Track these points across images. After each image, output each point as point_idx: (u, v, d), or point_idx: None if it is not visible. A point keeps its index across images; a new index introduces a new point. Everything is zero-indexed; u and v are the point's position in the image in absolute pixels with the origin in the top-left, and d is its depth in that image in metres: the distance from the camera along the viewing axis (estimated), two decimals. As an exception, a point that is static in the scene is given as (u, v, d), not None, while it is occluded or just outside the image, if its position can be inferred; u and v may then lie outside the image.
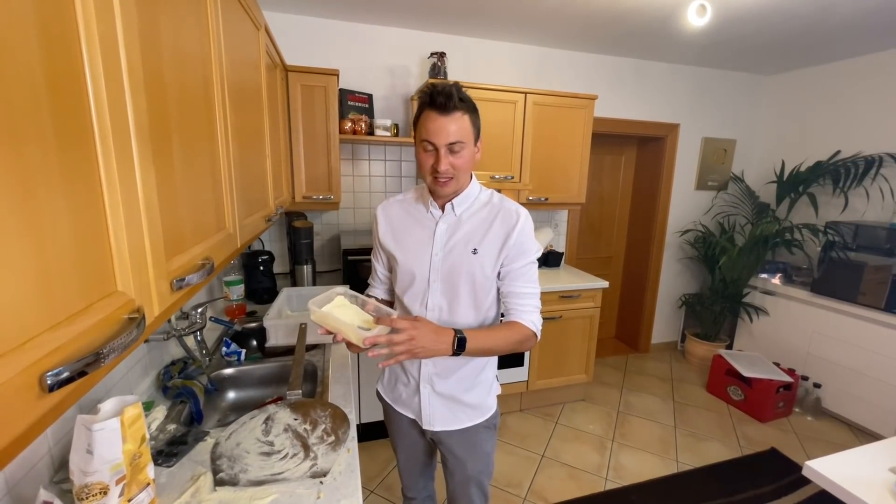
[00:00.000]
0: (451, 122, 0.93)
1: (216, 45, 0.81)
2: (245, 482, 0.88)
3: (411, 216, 1.11)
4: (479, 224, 1.06)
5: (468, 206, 1.07)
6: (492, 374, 1.18)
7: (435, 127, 0.93)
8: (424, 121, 0.96)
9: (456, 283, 1.05)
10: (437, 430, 1.14)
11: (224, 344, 1.51)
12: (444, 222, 1.07)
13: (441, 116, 0.93)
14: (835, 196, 2.92)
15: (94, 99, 0.41)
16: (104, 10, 0.42)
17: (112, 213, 0.44)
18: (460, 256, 1.04)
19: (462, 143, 0.96)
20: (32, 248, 0.33)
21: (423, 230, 1.08)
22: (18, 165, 0.32)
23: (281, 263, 2.55)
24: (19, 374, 0.31)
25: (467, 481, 1.21)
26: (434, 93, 0.93)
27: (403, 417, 1.20)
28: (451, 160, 0.96)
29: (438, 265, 1.06)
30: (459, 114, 0.94)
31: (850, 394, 2.59)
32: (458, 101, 0.94)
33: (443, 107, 0.93)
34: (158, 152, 0.55)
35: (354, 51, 2.47)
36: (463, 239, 1.05)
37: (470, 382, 1.13)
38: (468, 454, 1.17)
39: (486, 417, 1.16)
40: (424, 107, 0.96)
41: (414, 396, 1.15)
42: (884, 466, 1.12)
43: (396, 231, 1.12)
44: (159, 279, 0.54)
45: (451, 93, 0.93)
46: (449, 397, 1.12)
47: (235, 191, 0.93)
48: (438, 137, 0.94)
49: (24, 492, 0.76)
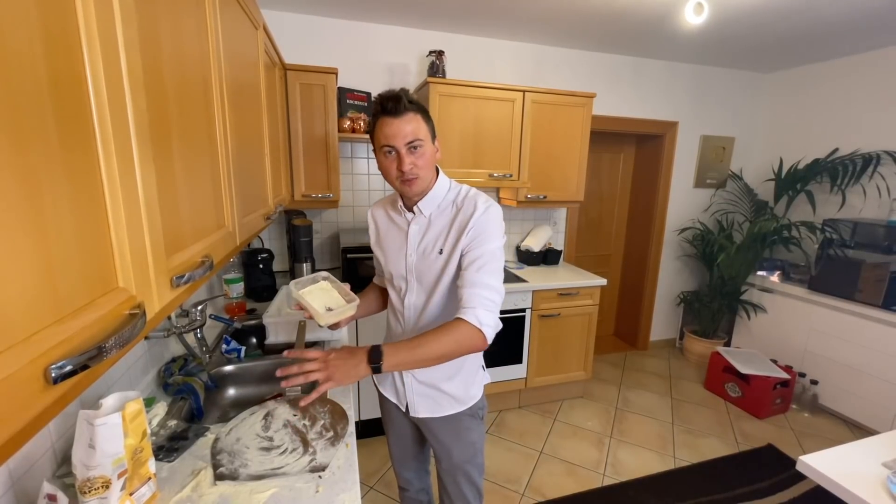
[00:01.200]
0: (405, 123, 0.96)
1: (215, 45, 0.82)
2: (245, 476, 0.90)
3: (391, 219, 1.17)
4: (445, 224, 1.07)
5: (436, 206, 1.09)
6: (476, 365, 1.20)
7: (391, 130, 0.96)
8: (380, 127, 0.98)
9: (429, 284, 1.09)
10: (423, 416, 1.18)
11: (224, 341, 1.52)
12: (416, 224, 1.10)
13: (395, 119, 0.96)
14: (832, 193, 2.92)
15: (95, 100, 0.42)
16: (104, 10, 0.43)
17: (113, 212, 0.45)
18: (429, 258, 1.07)
19: (420, 141, 0.98)
20: (37, 244, 0.35)
21: (399, 233, 1.14)
22: (23, 165, 0.33)
23: (280, 261, 2.56)
24: (26, 366, 0.32)
25: (454, 470, 1.23)
26: (383, 100, 0.97)
27: (392, 404, 1.24)
28: (412, 159, 0.98)
29: (413, 267, 1.10)
30: (411, 114, 0.97)
31: (846, 390, 2.61)
32: (408, 103, 0.97)
33: (394, 110, 0.96)
34: (158, 151, 0.56)
35: (353, 49, 2.47)
36: (432, 240, 1.08)
37: (451, 371, 1.14)
38: (453, 440, 1.20)
39: (468, 406, 1.18)
40: (378, 115, 0.99)
41: (398, 383, 1.19)
42: (877, 461, 1.14)
43: (380, 233, 1.19)
44: (159, 276, 0.55)
45: (400, 96, 0.96)
46: (430, 385, 1.15)
47: (234, 189, 0.94)
48: (396, 139, 0.96)
49: (28, 486, 0.78)
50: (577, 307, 2.62)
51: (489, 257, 0.98)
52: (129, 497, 0.77)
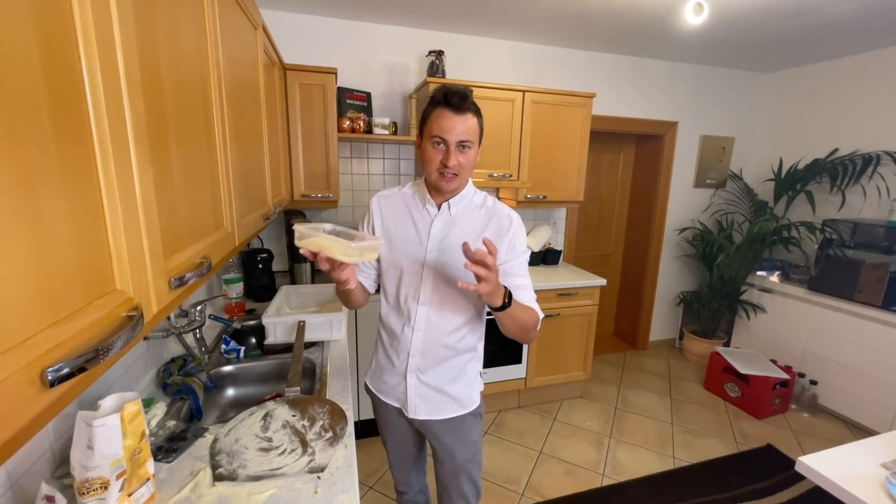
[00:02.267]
0: (463, 122, 0.99)
1: (213, 46, 0.82)
2: (244, 477, 0.89)
3: (407, 211, 1.14)
4: (474, 225, 1.10)
5: (463, 206, 1.11)
6: (477, 368, 1.21)
7: (449, 124, 0.99)
8: (437, 118, 1.00)
9: (448, 280, 1.08)
10: (423, 418, 1.17)
11: (223, 341, 1.52)
12: (440, 220, 1.10)
13: (455, 115, 0.99)
14: (832, 194, 2.92)
15: (92, 100, 0.42)
16: (101, 11, 0.43)
17: (110, 213, 0.45)
18: (454, 255, 1.07)
19: (470, 143, 1.02)
20: (34, 247, 0.34)
21: (419, 226, 1.11)
22: (19, 167, 0.33)
23: (280, 261, 2.56)
24: (22, 370, 0.32)
25: (457, 470, 1.23)
26: (449, 92, 0.99)
27: (391, 408, 1.23)
28: (459, 158, 1.01)
29: (432, 262, 1.09)
30: (471, 115, 1.01)
31: (846, 391, 2.61)
32: (471, 104, 1.01)
33: (457, 106, 0.99)
34: (156, 153, 0.55)
35: (353, 49, 2.47)
36: (458, 238, 1.07)
37: (455, 373, 1.16)
38: (456, 441, 1.20)
39: (470, 409, 1.19)
40: (438, 104, 1.01)
41: (399, 385, 1.17)
42: (875, 462, 1.14)
43: (388, 225, 1.15)
44: (157, 278, 0.54)
45: (466, 95, 1.00)
46: (434, 387, 1.15)
47: (233, 190, 0.94)
48: (451, 134, 0.99)
49: (27, 486, 0.77)
50: (576, 307, 2.63)
51: (524, 262, 1.12)
52: (127, 498, 0.77)
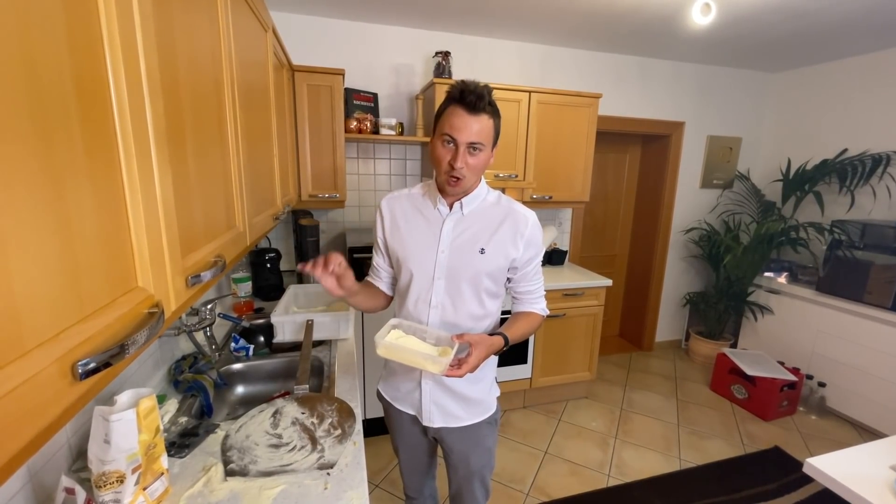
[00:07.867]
0: (476, 123, 0.94)
1: (227, 49, 0.83)
2: (255, 473, 0.91)
3: (418, 212, 1.10)
4: (487, 224, 1.06)
5: (476, 206, 1.08)
6: (492, 373, 1.19)
7: (460, 123, 0.94)
8: (450, 115, 0.95)
9: (460, 281, 1.06)
10: (438, 426, 1.15)
11: (233, 339, 1.54)
12: (451, 220, 1.07)
13: (468, 114, 0.93)
14: (841, 195, 2.90)
15: (117, 104, 0.43)
16: (125, 17, 0.44)
17: (133, 213, 0.46)
18: (467, 256, 1.05)
19: (482, 145, 0.96)
20: (63, 245, 0.36)
21: (429, 227, 1.08)
22: (50, 168, 0.34)
23: (287, 261, 2.58)
24: (54, 363, 0.33)
25: (471, 476, 1.22)
26: (465, 90, 0.93)
27: (404, 416, 1.20)
28: (467, 159, 0.96)
29: (444, 263, 1.06)
30: (486, 116, 0.95)
31: (855, 393, 2.58)
32: (487, 105, 0.95)
33: (472, 105, 0.93)
34: (174, 153, 0.57)
35: (360, 50, 2.48)
36: (471, 238, 1.05)
37: (473, 377, 1.11)
38: (471, 449, 1.18)
39: (487, 415, 1.17)
40: (452, 101, 0.96)
41: (414, 392, 1.15)
42: (885, 464, 1.13)
43: (399, 227, 1.11)
44: (176, 275, 0.56)
45: (483, 94, 0.93)
46: (450, 392, 1.12)
47: (245, 190, 0.95)
48: (461, 134, 0.94)
49: (46, 479, 0.79)
50: (582, 308, 2.63)
51: (539, 263, 1.15)
52: (142, 492, 0.79)
